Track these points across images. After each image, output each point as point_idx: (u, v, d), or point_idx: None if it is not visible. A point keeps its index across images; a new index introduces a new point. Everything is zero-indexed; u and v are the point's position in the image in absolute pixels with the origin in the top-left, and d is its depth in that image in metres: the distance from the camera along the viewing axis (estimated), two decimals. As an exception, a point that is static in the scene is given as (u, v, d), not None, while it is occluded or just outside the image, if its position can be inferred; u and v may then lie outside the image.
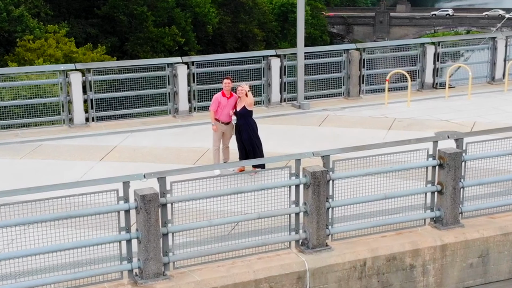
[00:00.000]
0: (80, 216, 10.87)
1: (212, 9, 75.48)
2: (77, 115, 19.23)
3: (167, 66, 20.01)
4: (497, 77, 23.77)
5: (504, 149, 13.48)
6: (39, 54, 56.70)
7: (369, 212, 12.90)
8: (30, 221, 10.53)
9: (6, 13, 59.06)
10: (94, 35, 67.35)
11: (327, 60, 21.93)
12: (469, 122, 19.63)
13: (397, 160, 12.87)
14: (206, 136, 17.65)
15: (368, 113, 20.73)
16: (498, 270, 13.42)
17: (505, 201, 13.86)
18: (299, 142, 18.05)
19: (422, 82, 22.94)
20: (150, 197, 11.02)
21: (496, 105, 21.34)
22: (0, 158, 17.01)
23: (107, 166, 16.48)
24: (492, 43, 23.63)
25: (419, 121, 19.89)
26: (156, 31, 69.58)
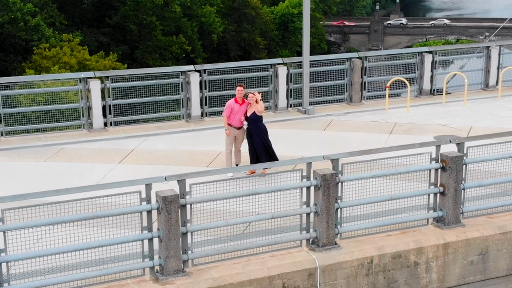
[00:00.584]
0: (105, 216, 10.89)
1: (217, 19, 75.57)
2: (96, 120, 19.24)
3: (180, 74, 20.05)
4: (491, 84, 23.78)
5: (502, 153, 13.51)
6: (54, 61, 56.77)
7: (375, 212, 12.93)
8: (58, 221, 10.56)
9: (23, 23, 59.15)
10: (106, 43, 67.46)
11: (331, 68, 21.93)
12: (466, 126, 19.64)
13: (402, 163, 12.88)
14: (218, 139, 17.68)
15: (369, 118, 20.72)
16: (497, 267, 13.42)
17: (504, 202, 13.87)
18: (306, 145, 18.07)
19: (420, 88, 22.95)
20: (171, 198, 11.04)
21: (490, 111, 21.34)
22: (25, 161, 17.01)
23: (126, 169, 16.50)
24: (486, 52, 23.65)
25: (418, 125, 19.89)
26: (164, 40, 69.68)
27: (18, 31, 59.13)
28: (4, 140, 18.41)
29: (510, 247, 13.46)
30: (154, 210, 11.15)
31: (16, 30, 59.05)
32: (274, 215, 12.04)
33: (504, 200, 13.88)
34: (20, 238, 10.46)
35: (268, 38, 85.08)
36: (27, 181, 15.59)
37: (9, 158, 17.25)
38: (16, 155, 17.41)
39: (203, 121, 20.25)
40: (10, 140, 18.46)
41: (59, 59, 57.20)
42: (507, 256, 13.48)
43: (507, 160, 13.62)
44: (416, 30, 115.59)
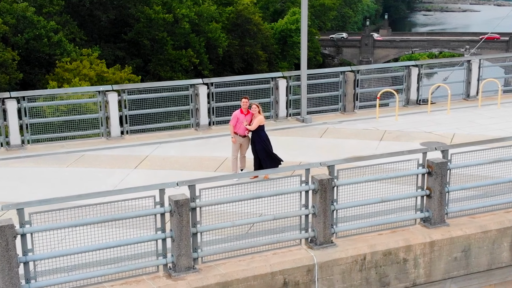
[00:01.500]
0: (123, 218, 10.90)
1: (222, 34, 75.69)
2: (114, 129, 19.25)
3: (190, 86, 20.08)
4: (471, 94, 23.77)
5: (482, 159, 13.50)
6: (75, 73, 56.89)
7: (368, 212, 12.93)
8: (81, 223, 10.58)
9: (47, 39, 59.35)
10: (122, 57, 67.59)
11: (326, 80, 21.96)
12: (449, 133, 19.62)
13: (392, 168, 12.88)
14: (224, 146, 17.68)
15: (362, 126, 20.71)
16: (478, 263, 13.40)
17: (484, 203, 13.84)
18: (304, 152, 18.07)
19: (408, 98, 22.93)
20: (182, 202, 11.04)
21: (471, 119, 21.32)
22: (49, 167, 17.02)
23: (141, 173, 16.49)
24: (468, 65, 23.64)
25: (406, 133, 19.87)
26: (174, 53, 69.81)
27: (42, 46, 59.29)
28: (30, 148, 18.41)
29: (490, 245, 13.44)
30: (167, 213, 11.16)
31: (40, 46, 59.22)
32: (276, 216, 12.04)
33: (484, 202, 13.86)
34: (46, 239, 10.47)
35: (269, 51, 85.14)
36: (51, 185, 15.61)
37: (35, 164, 17.26)
38: (42, 161, 17.41)
39: (210, 129, 20.24)
40: (35, 147, 18.46)
41: (79, 72, 57.31)
42: (488, 253, 13.46)
43: (487, 165, 13.60)
44: (402, 44, 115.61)
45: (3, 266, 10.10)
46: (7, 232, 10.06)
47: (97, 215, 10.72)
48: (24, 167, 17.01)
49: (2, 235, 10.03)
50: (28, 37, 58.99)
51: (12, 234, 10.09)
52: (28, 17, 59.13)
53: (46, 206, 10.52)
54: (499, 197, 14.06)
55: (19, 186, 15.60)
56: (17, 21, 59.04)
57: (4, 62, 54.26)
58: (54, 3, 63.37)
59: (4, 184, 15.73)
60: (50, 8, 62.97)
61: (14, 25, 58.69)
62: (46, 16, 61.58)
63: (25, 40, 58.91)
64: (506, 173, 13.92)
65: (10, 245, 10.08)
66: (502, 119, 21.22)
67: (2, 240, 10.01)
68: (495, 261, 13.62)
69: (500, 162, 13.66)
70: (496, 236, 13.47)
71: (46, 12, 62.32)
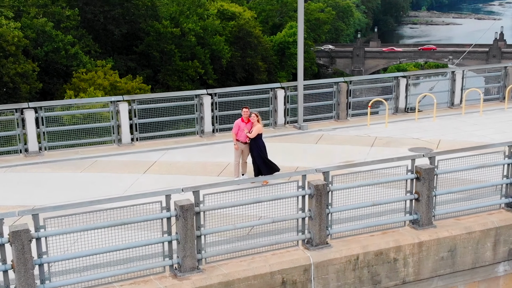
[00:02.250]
0: (132, 222, 10.70)
1: (226, 46, 75.61)
2: (125, 136, 19.01)
3: (195, 97, 19.85)
4: (455, 102, 23.50)
5: (467, 165, 13.29)
6: (90, 83, 56.79)
7: (360, 214, 12.70)
8: (92, 227, 10.36)
9: (64, 51, 59.33)
10: (133, 67, 67.48)
11: (321, 90, 21.73)
12: (435, 140, 19.36)
13: (383, 174, 12.65)
14: (227, 152, 17.45)
15: (354, 132, 20.45)
16: (463, 261, 13.18)
17: (469, 206, 13.62)
18: (301, 157, 17.82)
19: (397, 107, 22.67)
20: (187, 207, 10.84)
21: (456, 126, 21.06)
22: (65, 172, 16.78)
23: (150, 178, 16.25)
24: (452, 76, 23.40)
25: (395, 139, 19.60)
26: (181, 64, 69.72)
27: (60, 58, 59.23)
28: (47, 154, 18.16)
29: (475, 245, 13.22)
30: (173, 217, 10.95)
31: (59, 58, 59.16)
32: (274, 219, 11.83)
33: (469, 205, 13.64)
34: (59, 242, 10.27)
35: (268, 62, 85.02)
36: (66, 190, 15.38)
37: (51, 169, 17.03)
38: (58, 167, 17.18)
39: (214, 136, 20.00)
40: (52, 154, 18.21)
41: (94, 82, 57.20)
42: (472, 252, 13.23)
43: (471, 170, 13.38)
44: (391, 54, 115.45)
45: (19, 268, 9.90)
46: (23, 236, 9.85)
47: (107, 219, 10.51)
48: (41, 172, 16.78)
49: (18, 239, 9.83)
50: (47, 49, 58.94)
51: (27, 238, 9.89)
52: (47, 31, 59.08)
53: (60, 212, 10.30)
54: (483, 200, 13.84)
55: (35, 191, 15.38)
56: (37, 35, 58.98)
57: (25, 73, 54.17)
58: (71, 19, 63.30)
59: (22, 189, 15.51)
60: (67, 23, 62.89)
61: (34, 38, 58.62)
62: (63, 30, 61.51)
63: (44, 52, 58.87)
64: (489, 177, 13.71)
65: (26, 248, 9.88)
66: (484, 126, 20.96)
67: (18, 243, 9.81)
68: (479, 260, 13.38)
69: (483, 167, 13.44)
70: (480, 236, 13.24)
71: (64, 26, 62.24)
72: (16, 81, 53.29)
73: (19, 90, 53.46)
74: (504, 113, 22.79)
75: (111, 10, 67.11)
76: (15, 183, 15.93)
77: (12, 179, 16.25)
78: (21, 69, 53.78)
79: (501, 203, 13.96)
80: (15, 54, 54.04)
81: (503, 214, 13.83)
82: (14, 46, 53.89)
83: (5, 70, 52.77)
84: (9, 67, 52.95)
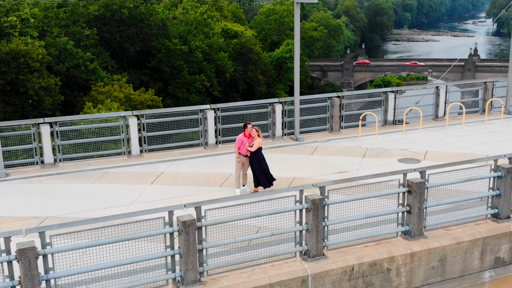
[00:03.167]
0: (135, 238, 9.83)
1: (229, 62, 74.84)
2: (134, 148, 18.16)
3: (199, 111, 19.01)
4: (440, 115, 22.66)
5: (456, 178, 12.44)
6: (107, 95, 55.99)
7: (355, 225, 11.84)
8: (97, 243, 9.52)
9: (84, 67, 58.60)
10: (146, 81, 66.67)
11: (316, 105, 20.89)
12: (422, 151, 18.50)
13: (376, 187, 11.79)
14: (229, 163, 16.62)
15: (347, 144, 19.60)
16: (453, 270, 12.32)
17: (457, 217, 12.77)
18: (298, 168, 16.96)
19: (385, 119, 21.84)
20: (189, 222, 9.99)
21: (441, 137, 20.20)
22: (77, 183, 15.93)
23: (156, 189, 15.40)
24: (436, 90, 22.55)
25: (385, 150, 18.74)
26: (189, 78, 68.91)
27: (80, 73, 58.44)
28: (62, 166, 17.32)
29: (463, 254, 12.37)
30: (176, 232, 10.09)
31: (79, 73, 58.36)
32: (273, 232, 10.97)
33: (458, 216, 12.78)
34: (65, 258, 9.42)
35: (267, 75, 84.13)
36: (77, 201, 14.54)
37: (65, 180, 16.18)
38: (71, 178, 16.33)
39: (217, 147, 19.16)
40: (66, 165, 17.36)
41: (111, 94, 56.37)
42: (461, 261, 12.38)
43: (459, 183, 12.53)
44: (377, 68, 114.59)
45: (26, 284, 9.07)
46: (30, 254, 9.02)
47: (112, 235, 9.65)
48: (55, 183, 15.92)
49: (25, 257, 9.00)
50: (69, 65, 58.16)
51: (34, 255, 9.05)
52: (69, 49, 58.31)
53: (65, 229, 9.45)
54: (470, 210, 12.99)
55: (48, 202, 14.53)
56: (60, 52, 58.21)
57: (49, 87, 53.40)
58: (90, 38, 62.54)
59: (36, 200, 14.66)
60: (86, 41, 62.12)
61: (57, 55, 57.86)
62: (83, 48, 60.73)
63: (66, 68, 58.07)
64: (475, 188, 12.85)
65: (33, 265, 9.05)
66: (467, 137, 20.09)
67: (25, 261, 8.98)
68: (467, 268, 12.52)
69: (471, 181, 12.59)
70: (468, 246, 12.39)
71: (84, 45, 61.47)
72: (40, 94, 52.51)
73: (43, 102, 52.67)
74: (485, 125, 21.92)
75: (126, 29, 66.37)
76: (30, 194, 15.09)
77: (28, 191, 15.41)
78: (45, 83, 52.99)
79: (487, 214, 13.11)
80: (39, 70, 53.25)
81: (489, 224, 12.97)
82: (39, 62, 53.11)
83: (30, 84, 52.00)
84: (34, 82, 52.17)
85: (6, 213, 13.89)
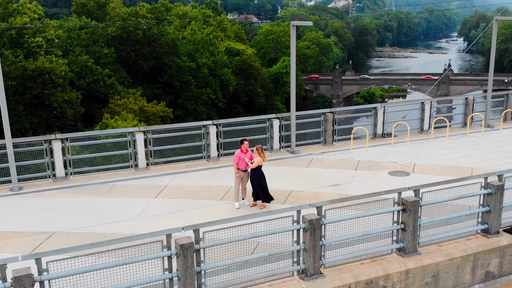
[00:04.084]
0: (133, 262, 8.55)
1: (232, 76, 73.72)
2: (141, 162, 16.93)
3: (202, 127, 17.77)
4: (425, 128, 21.42)
5: (448, 196, 11.17)
6: (123, 107, 54.85)
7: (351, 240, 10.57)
8: (94, 269, 8.24)
9: (103, 82, 57.54)
10: (158, 94, 65.52)
11: (311, 120, 19.65)
12: (411, 163, 17.24)
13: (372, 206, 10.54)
14: (229, 176, 15.39)
15: (340, 156, 18.33)
16: (445, 285, 11.04)
17: (450, 233, 11.49)
18: (294, 180, 15.69)
19: (375, 132, 20.59)
20: (187, 245, 8.72)
21: (427, 150, 18.94)
22: (85, 197, 14.67)
23: (160, 203, 14.13)
24: (421, 106, 21.31)
25: (376, 162, 17.47)
26: (197, 91, 67.77)
27: (99, 87, 57.30)
28: (73, 179, 16.07)
29: (455, 269, 11.09)
30: (174, 255, 8.84)
31: (98, 87, 57.22)
32: (271, 253, 9.70)
33: (449, 232, 11.50)
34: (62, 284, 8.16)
35: (266, 88, 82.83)
36: (84, 215, 13.27)
37: (74, 194, 14.92)
38: (80, 192, 15.06)
39: (219, 160, 17.92)
40: (77, 178, 16.11)
41: (126, 106, 55.21)
42: (453, 276, 11.10)
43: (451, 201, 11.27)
44: (362, 81, 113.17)
45: (21, 311, 7.79)
46: (25, 281, 7.78)
47: (109, 259, 8.40)
48: (65, 197, 14.66)
49: (21, 284, 7.73)
50: (89, 81, 57.02)
51: (29, 282, 7.80)
52: (89, 66, 57.18)
53: (62, 255, 8.20)
54: (461, 224, 11.70)
55: (58, 216, 13.27)
56: (81, 69, 57.07)
57: (71, 100, 52.26)
58: (108, 56, 61.41)
59: (46, 215, 13.40)
60: (105, 59, 60.97)
61: (79, 72, 56.72)
62: (102, 65, 59.62)
63: (86, 83, 56.94)
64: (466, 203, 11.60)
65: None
66: (452, 150, 18.83)
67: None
68: (459, 283, 11.24)
69: (462, 198, 11.32)
70: (460, 262, 11.12)
71: (102, 62, 60.34)
72: (64, 107, 51.37)
73: (66, 114, 51.52)
74: (467, 138, 20.65)
75: (141, 48, 65.27)
76: (40, 209, 13.82)
77: (38, 205, 14.14)
78: (68, 97, 51.86)
79: (478, 229, 11.84)
80: (62, 85, 52.13)
81: (480, 239, 11.70)
82: (62, 78, 51.97)
83: (54, 98, 50.88)
84: (57, 96, 51.06)
85: (16, 228, 12.64)
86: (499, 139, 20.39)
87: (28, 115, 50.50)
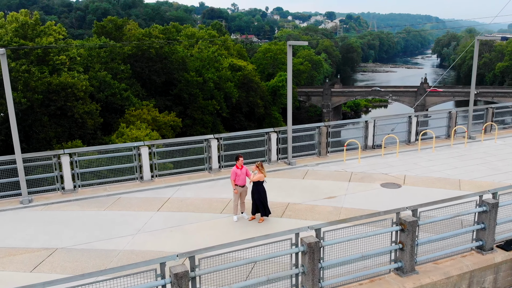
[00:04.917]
0: (125, 293, 7.12)
1: (235, 89, 72.46)
2: (146, 174, 15.53)
3: (204, 140, 16.37)
4: (412, 140, 19.99)
5: (445, 215, 9.75)
6: (138, 118, 53.36)
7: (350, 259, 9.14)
8: (82, 303, 6.81)
9: (119, 95, 56.03)
10: (169, 105, 64.07)
11: (306, 133, 18.25)
12: (401, 175, 15.83)
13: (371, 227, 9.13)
14: (230, 187, 13.95)
15: (334, 168, 16.91)
16: (443, 303, 9.60)
17: (446, 251, 10.07)
18: (291, 193, 14.28)
19: (366, 144, 19.17)
20: (181, 274, 7.29)
21: (415, 161, 17.51)
22: (90, 210, 13.26)
23: (162, 216, 12.71)
24: (409, 119, 19.89)
25: (368, 174, 16.05)
26: (203, 103, 66.34)
27: (116, 100, 55.84)
28: (80, 191, 14.66)
29: (452, 287, 9.64)
30: (168, 284, 7.40)
31: (115, 100, 55.77)
32: (269, 277, 8.26)
33: (446, 250, 10.08)
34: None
35: (265, 100, 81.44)
36: (88, 230, 11.85)
37: (80, 207, 13.50)
38: (86, 205, 13.64)
39: (220, 172, 16.51)
40: (84, 191, 14.69)
41: (140, 116, 53.77)
42: (451, 295, 9.67)
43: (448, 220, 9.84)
44: (349, 93, 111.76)
45: None
46: None
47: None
48: (71, 210, 13.24)
49: None
50: (107, 94, 55.61)
51: None
52: (107, 81, 55.81)
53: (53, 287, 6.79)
54: (456, 240, 10.29)
55: (62, 231, 11.85)
56: (100, 84, 55.69)
57: (91, 111, 50.82)
58: (125, 72, 60.04)
59: (50, 229, 11.97)
60: (122, 75, 59.60)
61: (98, 86, 55.35)
62: (119, 80, 58.24)
63: (105, 96, 55.52)
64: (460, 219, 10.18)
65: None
66: (438, 162, 17.41)
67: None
68: (457, 301, 9.81)
69: (457, 216, 9.91)
70: (457, 280, 9.69)
71: (119, 77, 58.95)
72: (84, 118, 49.98)
73: (86, 124, 50.13)
74: (451, 149, 19.21)
75: (154, 65, 64.00)
76: (46, 223, 12.40)
77: (45, 219, 12.71)
78: (88, 108, 50.46)
79: (473, 246, 10.41)
80: (83, 98, 50.75)
81: (475, 256, 10.28)
82: (83, 92, 50.59)
83: (76, 110, 49.51)
84: (79, 107, 49.69)
85: (20, 244, 11.22)
86: (482, 150, 18.98)
87: (52, 125, 49.34)
